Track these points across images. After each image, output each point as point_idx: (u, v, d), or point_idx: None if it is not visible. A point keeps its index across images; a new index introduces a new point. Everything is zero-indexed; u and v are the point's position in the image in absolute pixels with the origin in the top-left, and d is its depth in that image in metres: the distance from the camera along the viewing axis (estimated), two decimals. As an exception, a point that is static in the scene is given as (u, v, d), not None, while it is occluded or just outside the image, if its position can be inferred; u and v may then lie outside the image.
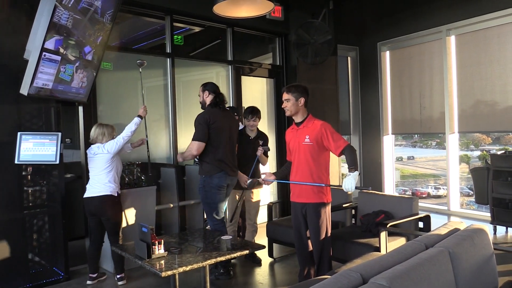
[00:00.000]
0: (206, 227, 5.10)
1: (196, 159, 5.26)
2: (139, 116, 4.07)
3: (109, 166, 3.88)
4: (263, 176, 3.60)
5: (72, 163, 4.88)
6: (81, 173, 4.56)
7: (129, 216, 4.30)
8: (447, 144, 6.51)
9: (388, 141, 7.40)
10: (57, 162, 3.81)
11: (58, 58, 3.76)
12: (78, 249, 4.65)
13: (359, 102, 7.66)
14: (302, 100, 3.41)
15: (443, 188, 8.64)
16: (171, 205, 4.82)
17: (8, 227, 3.91)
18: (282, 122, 6.60)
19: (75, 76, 4.02)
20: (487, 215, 5.67)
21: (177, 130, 5.36)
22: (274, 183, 6.04)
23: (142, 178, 4.47)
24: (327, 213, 3.40)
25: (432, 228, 3.84)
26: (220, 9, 3.60)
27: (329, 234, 3.42)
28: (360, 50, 7.63)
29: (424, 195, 8.97)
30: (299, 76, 6.52)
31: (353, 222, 4.45)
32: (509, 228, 5.33)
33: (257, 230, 4.54)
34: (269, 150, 4.50)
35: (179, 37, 5.86)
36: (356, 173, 3.13)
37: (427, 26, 6.60)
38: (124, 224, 4.17)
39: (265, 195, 5.88)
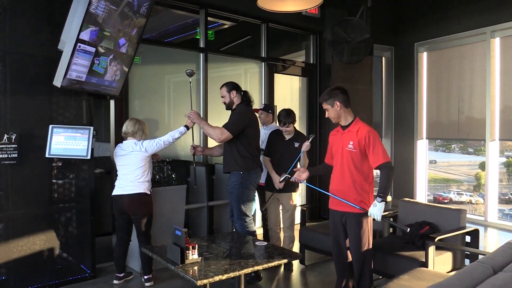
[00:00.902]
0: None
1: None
2: (186, 126, 3.89)
3: (145, 165, 3.75)
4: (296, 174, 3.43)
5: (100, 157, 4.78)
6: (110, 168, 4.44)
7: (159, 215, 4.16)
8: (486, 151, 6.20)
9: (422, 146, 7.11)
10: (89, 157, 3.69)
11: (93, 49, 3.63)
12: (105, 245, 4.56)
13: (392, 104, 7.39)
14: (337, 103, 3.21)
15: (466, 194, 8.42)
16: (202, 204, 4.68)
17: (37, 222, 3.82)
18: (313, 122, 6.39)
19: (108, 69, 3.89)
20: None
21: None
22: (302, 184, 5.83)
23: (173, 176, 4.33)
24: (369, 224, 3.19)
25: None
26: (264, 3, 3.40)
27: (370, 246, 3.20)
28: (395, 50, 7.35)
29: (446, 201, 8.69)
30: (333, 75, 6.29)
31: (391, 231, 4.22)
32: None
33: (294, 239, 4.33)
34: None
35: (210, 32, 5.70)
36: (383, 204, 2.98)
37: (469, 27, 6.29)
38: (153, 225, 4.03)
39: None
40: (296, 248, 4.44)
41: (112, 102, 4.42)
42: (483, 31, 6.12)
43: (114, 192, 3.80)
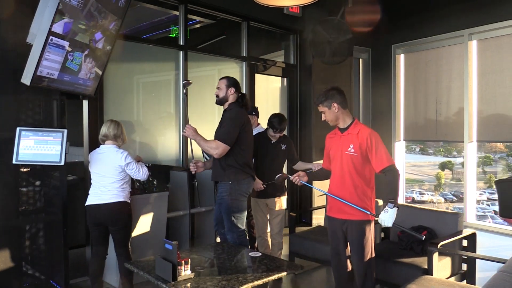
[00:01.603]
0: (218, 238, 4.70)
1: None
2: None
3: (124, 173, 3.42)
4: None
5: (71, 163, 4.37)
6: (83, 175, 4.07)
7: (139, 225, 3.85)
8: (465, 153, 6.23)
9: (400, 148, 7.09)
10: (62, 163, 3.31)
11: (66, 44, 3.28)
12: (78, 259, 4.17)
13: (370, 106, 7.33)
14: (334, 105, 3.04)
15: (427, 194, 8.58)
16: (182, 213, 4.38)
17: (1, 235, 3.41)
18: (294, 124, 6.22)
19: (83, 66, 3.55)
20: (505, 227, 5.42)
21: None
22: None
23: (154, 183, 4.01)
24: (372, 232, 3.03)
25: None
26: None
27: (373, 254, 3.04)
28: (373, 52, 7.30)
29: (408, 200, 8.83)
30: (314, 76, 6.15)
31: (382, 236, 4.09)
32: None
33: (282, 246, 4.11)
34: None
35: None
36: (395, 210, 2.80)
37: (447, 29, 6.30)
38: (132, 235, 3.71)
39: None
40: (284, 255, 4.23)
41: (85, 103, 4.06)
42: (461, 34, 6.15)
43: (89, 202, 3.42)
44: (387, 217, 2.80)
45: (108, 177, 3.37)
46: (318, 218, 6.01)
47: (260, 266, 2.95)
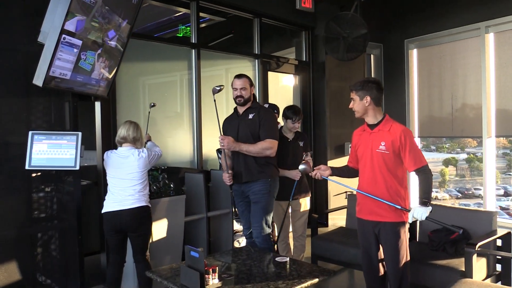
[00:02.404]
0: (236, 242, 4.55)
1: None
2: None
3: (146, 176, 3.29)
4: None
5: (85, 167, 4.23)
6: (98, 179, 3.92)
7: (156, 230, 3.69)
8: (484, 148, 6.07)
9: (415, 145, 6.92)
10: (77, 167, 3.17)
11: (79, 42, 3.13)
12: (93, 266, 4.02)
13: (382, 103, 7.16)
14: (367, 98, 2.87)
15: (432, 191, 8.42)
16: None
17: (15, 244, 3.26)
18: (308, 123, 6.06)
19: (96, 65, 3.40)
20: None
21: (202, 131, 4.76)
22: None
23: (171, 186, 3.86)
24: (406, 234, 2.86)
25: None
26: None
27: (408, 258, 2.87)
28: (384, 48, 7.14)
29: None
30: (328, 73, 6.00)
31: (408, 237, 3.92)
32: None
33: (305, 248, 3.96)
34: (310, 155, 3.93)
35: (188, 28, 5.25)
36: (430, 209, 2.67)
37: (462, 23, 6.13)
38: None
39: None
40: (305, 258, 4.08)
41: (97, 104, 3.91)
42: (477, 27, 5.98)
43: (108, 208, 3.23)
44: (421, 210, 2.65)
45: (129, 180, 3.21)
46: (334, 219, 5.86)
47: (290, 272, 2.80)
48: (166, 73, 4.72)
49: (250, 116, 3.41)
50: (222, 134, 3.40)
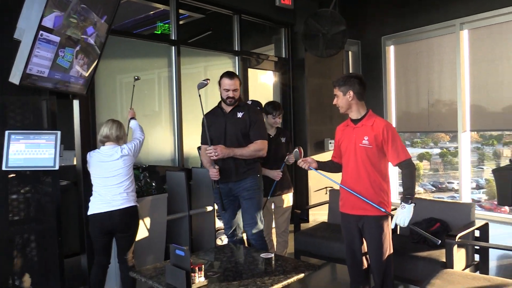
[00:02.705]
0: (219, 239, 4.53)
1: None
2: (133, 118, 3.66)
3: (131, 170, 3.24)
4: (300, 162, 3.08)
5: (62, 167, 4.13)
6: (77, 180, 3.84)
7: (139, 230, 3.64)
8: (459, 142, 6.22)
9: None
10: (56, 167, 3.10)
11: (57, 39, 3.06)
12: (72, 268, 3.94)
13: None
14: (350, 93, 2.90)
15: None
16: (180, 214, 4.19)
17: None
18: (288, 119, 6.08)
19: (74, 63, 3.32)
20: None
21: (183, 128, 4.72)
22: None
23: (153, 184, 3.81)
24: (389, 227, 2.91)
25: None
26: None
27: (392, 250, 2.92)
28: (362, 44, 7.23)
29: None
30: (307, 70, 6.03)
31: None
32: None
33: (288, 244, 3.98)
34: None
35: (166, 25, 5.19)
36: (412, 206, 2.71)
37: (438, 19, 6.26)
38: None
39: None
40: (288, 254, 4.10)
41: (76, 103, 3.82)
42: (452, 24, 6.12)
43: (96, 210, 3.14)
44: (404, 214, 2.70)
45: (115, 177, 3.15)
46: (315, 215, 5.92)
47: (276, 268, 2.81)
48: (146, 71, 4.65)
49: (239, 115, 3.36)
50: (208, 135, 3.29)
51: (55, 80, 3.20)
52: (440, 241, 2.75)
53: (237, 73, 5.39)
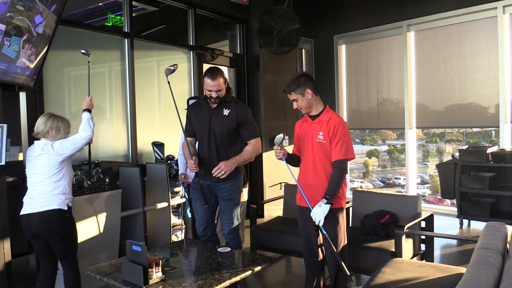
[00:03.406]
0: (174, 236, 4.48)
1: (159, 155, 4.61)
2: (88, 110, 3.14)
3: (58, 173, 2.90)
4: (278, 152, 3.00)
5: (9, 163, 3.91)
6: (24, 175, 3.65)
7: (91, 227, 3.54)
8: (406, 139, 6.52)
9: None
10: (3, 163, 2.94)
11: (3, 27, 2.89)
12: (20, 268, 3.76)
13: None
14: (308, 91, 2.96)
15: (357, 181, 9.18)
16: (134, 210, 4.10)
17: None
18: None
19: (21, 53, 3.15)
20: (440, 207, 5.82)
21: (136, 123, 4.61)
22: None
23: (106, 180, 3.70)
24: (344, 219, 3.01)
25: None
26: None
27: (346, 242, 3.03)
28: (315, 43, 7.40)
29: None
30: (262, 66, 6.08)
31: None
32: (471, 221, 5.42)
33: (244, 239, 4.01)
34: None
35: (118, 18, 5.04)
36: (328, 206, 2.82)
37: (387, 21, 6.53)
38: (83, 238, 3.41)
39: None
40: (244, 248, 4.14)
41: (22, 95, 3.63)
42: (400, 25, 6.41)
43: (22, 211, 2.93)
44: (319, 212, 2.81)
45: (39, 175, 2.90)
46: (269, 210, 5.99)
47: (233, 261, 2.83)
48: (97, 63, 4.49)
49: (226, 112, 3.17)
50: (181, 123, 3.17)
51: (1, 70, 3.03)
52: (353, 282, 2.88)
53: (192, 68, 5.35)
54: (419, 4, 6.16)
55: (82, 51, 3.48)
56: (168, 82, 3.15)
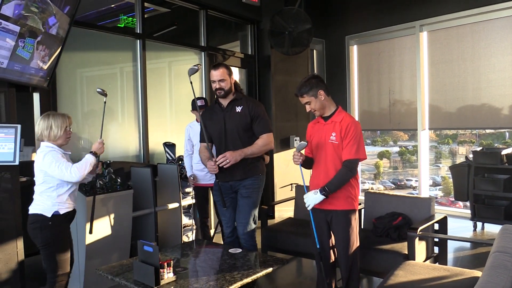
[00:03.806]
0: (185, 236, 4.49)
1: (170, 156, 4.63)
2: (94, 153, 2.87)
3: (48, 181, 2.76)
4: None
5: (22, 163, 3.95)
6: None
7: (102, 227, 3.56)
8: (419, 140, 6.46)
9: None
10: (17, 162, 2.97)
11: (17, 29, 2.93)
12: (33, 268, 3.79)
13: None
14: (321, 92, 2.93)
15: (368, 183, 9.05)
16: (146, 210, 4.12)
17: None
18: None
19: (35, 54, 3.20)
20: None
21: (148, 124, 4.63)
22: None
23: (118, 180, 3.72)
24: (357, 221, 2.98)
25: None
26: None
27: (358, 243, 3.00)
28: (326, 43, 7.36)
29: None
30: (273, 67, 6.07)
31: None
32: (485, 224, 5.34)
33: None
34: None
35: (130, 19, 5.08)
36: (322, 197, 2.82)
37: (399, 21, 6.47)
38: (95, 238, 3.42)
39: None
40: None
41: (36, 96, 3.67)
42: (412, 25, 6.34)
43: None
44: (312, 199, 2.82)
45: (36, 181, 2.82)
46: (280, 211, 5.97)
47: (245, 263, 2.82)
48: (110, 64, 4.54)
49: (238, 109, 3.19)
50: (205, 134, 3.15)
51: (15, 71, 3.07)
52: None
53: (203, 69, 5.35)
54: (432, 4, 6.09)
55: (98, 90, 3.17)
56: (191, 82, 3.17)
